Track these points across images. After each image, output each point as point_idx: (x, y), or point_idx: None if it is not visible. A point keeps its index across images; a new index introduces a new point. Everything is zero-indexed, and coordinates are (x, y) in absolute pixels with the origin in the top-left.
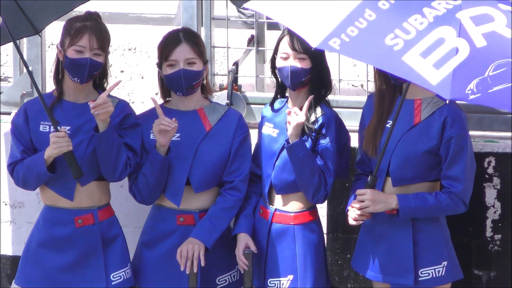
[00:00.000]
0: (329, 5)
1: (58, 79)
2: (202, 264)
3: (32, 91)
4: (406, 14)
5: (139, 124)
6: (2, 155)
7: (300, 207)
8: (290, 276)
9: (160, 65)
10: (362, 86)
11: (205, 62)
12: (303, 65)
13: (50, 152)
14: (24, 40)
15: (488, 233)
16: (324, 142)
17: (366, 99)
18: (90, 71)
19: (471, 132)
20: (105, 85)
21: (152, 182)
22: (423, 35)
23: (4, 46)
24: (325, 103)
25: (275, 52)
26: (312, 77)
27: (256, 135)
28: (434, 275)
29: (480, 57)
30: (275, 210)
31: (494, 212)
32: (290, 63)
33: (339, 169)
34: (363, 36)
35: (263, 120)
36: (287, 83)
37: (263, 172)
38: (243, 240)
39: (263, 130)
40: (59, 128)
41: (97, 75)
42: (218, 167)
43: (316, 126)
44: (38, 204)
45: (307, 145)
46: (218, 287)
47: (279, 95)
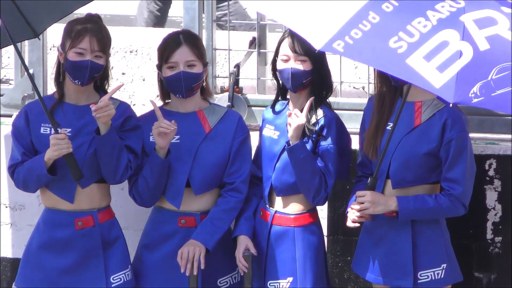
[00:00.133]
0: (333, 7)
1: (59, 81)
2: (202, 266)
3: (33, 93)
4: (410, 17)
5: (140, 127)
6: (2, 157)
7: (300, 209)
8: (289, 278)
9: (160, 67)
10: (363, 88)
11: (205, 64)
12: (303, 67)
13: (50, 154)
14: (26, 43)
15: (489, 235)
16: (324, 143)
17: (367, 101)
18: (90, 73)
19: (472, 135)
20: (106, 87)
21: (152, 184)
22: (426, 38)
23: (5, 48)
24: (326, 105)
25: (276, 54)
26: (313, 79)
27: (257, 137)
28: (433, 278)
29: (484, 60)
30: (275, 212)
31: (495, 214)
32: (290, 65)
33: (340, 171)
34: (367, 39)
35: (264, 122)
36: (287, 85)
37: (264, 174)
38: (243, 242)
39: (264, 132)
40: (59, 130)
41: (98, 77)
42: (218, 169)
43: (316, 128)
44: (39, 206)
45: (308, 146)
46: None
47: (280, 97)
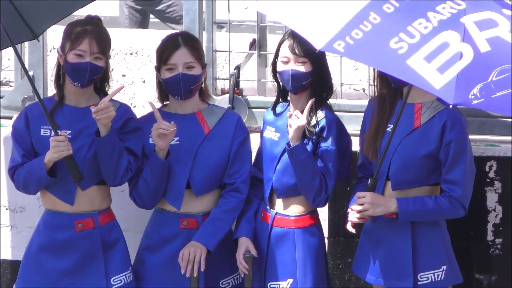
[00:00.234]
0: (333, 7)
1: (59, 83)
2: (202, 268)
3: (33, 95)
4: (411, 18)
5: (140, 129)
6: (2, 159)
7: (301, 210)
8: (289, 280)
9: (158, 68)
10: (363, 90)
11: (203, 66)
12: (303, 68)
13: (50, 156)
14: (26, 45)
15: (489, 237)
16: (325, 145)
17: (367, 103)
18: (90, 75)
19: (472, 136)
20: (106, 89)
21: (152, 186)
22: (427, 39)
23: (5, 50)
24: (326, 107)
25: (276, 56)
26: (313, 80)
27: (258, 139)
28: (433, 279)
29: (484, 62)
30: (276, 213)
31: (495, 216)
32: (290, 67)
33: (340, 172)
34: (367, 39)
35: (265, 124)
36: (288, 87)
37: (264, 175)
38: (244, 244)
39: (265, 134)
40: (59, 132)
41: (98, 79)
42: (218, 169)
43: (317, 129)
44: (39, 208)
45: (308, 148)
46: None
47: (280, 99)
